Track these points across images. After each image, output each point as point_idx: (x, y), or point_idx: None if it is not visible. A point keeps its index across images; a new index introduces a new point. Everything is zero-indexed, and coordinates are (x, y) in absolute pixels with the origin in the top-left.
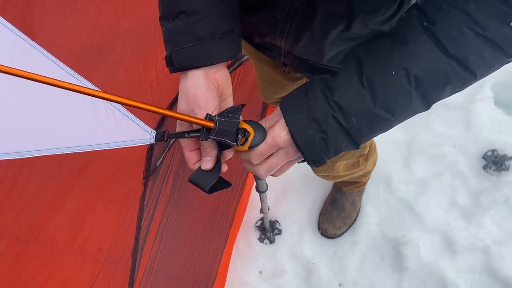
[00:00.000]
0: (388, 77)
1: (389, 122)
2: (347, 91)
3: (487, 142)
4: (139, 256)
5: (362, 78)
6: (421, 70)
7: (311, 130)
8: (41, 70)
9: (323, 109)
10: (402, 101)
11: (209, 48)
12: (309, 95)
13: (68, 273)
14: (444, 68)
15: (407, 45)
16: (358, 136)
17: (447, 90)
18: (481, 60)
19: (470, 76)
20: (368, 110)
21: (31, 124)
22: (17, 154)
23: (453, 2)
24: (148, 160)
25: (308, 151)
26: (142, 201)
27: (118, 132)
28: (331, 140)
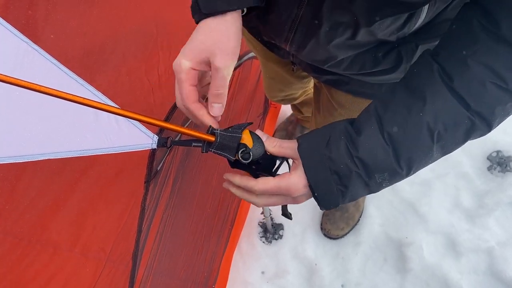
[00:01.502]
0: (410, 134)
1: (404, 176)
2: (372, 148)
3: (492, 143)
4: (139, 258)
5: (384, 135)
6: (443, 127)
7: (330, 183)
8: (43, 74)
9: (346, 164)
10: (423, 156)
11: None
12: (331, 147)
13: (70, 273)
14: (466, 123)
15: (426, 102)
16: (377, 188)
17: (464, 142)
18: (503, 112)
19: (487, 130)
20: (392, 167)
21: (32, 127)
22: (18, 158)
23: (472, 55)
24: (149, 165)
25: (324, 201)
26: (143, 205)
27: (120, 137)
28: (350, 192)
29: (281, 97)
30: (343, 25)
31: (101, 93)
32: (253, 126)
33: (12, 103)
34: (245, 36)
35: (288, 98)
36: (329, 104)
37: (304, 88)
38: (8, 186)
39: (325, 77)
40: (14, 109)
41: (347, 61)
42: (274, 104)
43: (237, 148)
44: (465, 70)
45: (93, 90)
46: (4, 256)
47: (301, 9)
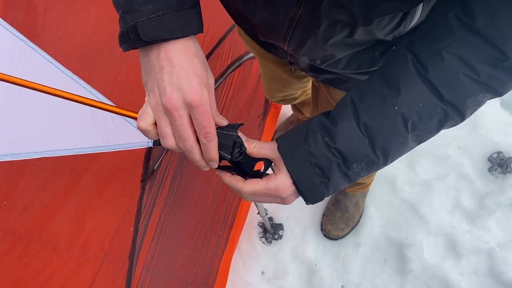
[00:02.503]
0: (385, 124)
1: (382, 165)
2: (348, 138)
3: (493, 144)
4: (136, 256)
5: (360, 126)
6: (417, 117)
7: (313, 176)
8: (40, 72)
9: (326, 156)
10: (399, 145)
11: (181, 18)
12: (309, 141)
13: (69, 272)
14: (440, 113)
15: (400, 93)
16: (355, 177)
17: (438, 131)
18: (475, 102)
19: (460, 118)
20: (368, 156)
21: (29, 126)
22: (15, 156)
23: (447, 46)
24: (145, 163)
25: (310, 195)
26: (140, 204)
27: (116, 135)
28: (332, 183)
29: (281, 97)
30: (341, 23)
31: (97, 91)
32: (254, 126)
33: (9, 101)
34: (242, 37)
35: (288, 98)
36: (328, 103)
37: (304, 88)
38: (7, 184)
39: (323, 76)
40: (12, 107)
41: (345, 60)
42: (274, 104)
43: (233, 146)
44: (439, 62)
45: (89, 88)
46: (3, 255)
47: (300, 8)
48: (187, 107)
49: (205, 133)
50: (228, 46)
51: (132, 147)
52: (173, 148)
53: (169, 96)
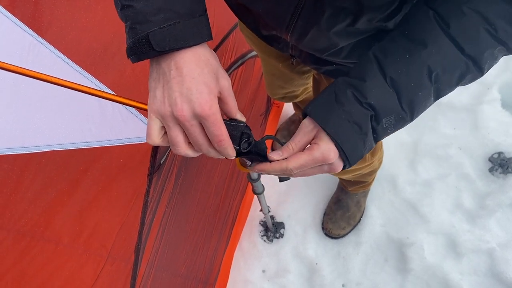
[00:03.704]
0: (412, 77)
1: (409, 119)
2: (378, 93)
3: (494, 144)
4: (141, 251)
5: (387, 80)
6: (441, 69)
7: (353, 135)
8: (49, 67)
9: (361, 111)
10: (423, 98)
11: (192, 26)
12: (341, 100)
13: (72, 268)
14: (461, 66)
15: (427, 46)
16: (382, 134)
17: (458, 86)
18: (492, 56)
19: (480, 73)
20: (397, 110)
21: (38, 119)
22: (24, 149)
23: (467, 2)
24: (153, 157)
25: (353, 155)
26: (146, 198)
27: (124, 129)
28: (368, 140)
29: (282, 94)
30: (345, 11)
31: (105, 86)
32: (256, 124)
33: (17, 95)
34: (243, 32)
35: (289, 95)
36: None
37: (305, 85)
38: (12, 179)
39: (325, 67)
40: (20, 101)
41: (347, 49)
42: (276, 103)
43: (241, 137)
44: (461, 16)
45: (97, 83)
46: (6, 251)
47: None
48: (198, 118)
49: (218, 141)
50: (231, 43)
51: (140, 141)
52: (183, 154)
53: (179, 107)
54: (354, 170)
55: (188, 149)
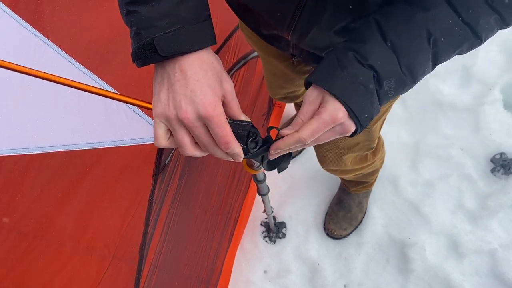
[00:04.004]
0: (411, 39)
1: (409, 83)
2: (378, 55)
3: (496, 145)
4: (145, 252)
5: (387, 43)
6: (440, 33)
7: (361, 95)
8: (55, 68)
9: (364, 72)
10: (422, 62)
11: (197, 31)
12: (344, 63)
13: (75, 269)
14: (459, 32)
15: (429, 10)
16: (384, 99)
17: (455, 53)
18: (487, 25)
19: (477, 41)
20: (397, 72)
21: (43, 120)
22: (29, 150)
23: None
24: (158, 158)
25: (362, 116)
26: (151, 198)
27: (129, 130)
28: (375, 100)
29: (283, 95)
30: (347, 9)
31: (110, 86)
32: (258, 125)
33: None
34: (244, 32)
35: (291, 95)
36: None
37: None
38: (15, 179)
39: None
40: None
41: None
42: (278, 104)
43: (247, 136)
44: None
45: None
46: (10, 251)
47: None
48: (202, 119)
49: (224, 143)
50: (234, 44)
51: (145, 142)
52: (191, 155)
53: (184, 110)
54: (356, 170)
55: (195, 150)
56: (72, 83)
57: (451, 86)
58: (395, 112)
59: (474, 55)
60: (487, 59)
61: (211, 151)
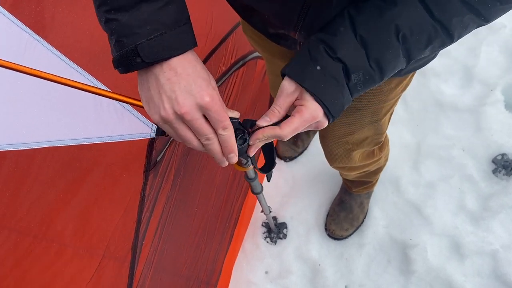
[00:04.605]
0: (380, 35)
1: (378, 78)
2: (347, 49)
3: (497, 145)
4: (138, 250)
5: (357, 37)
6: (409, 30)
7: (331, 88)
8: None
9: (334, 65)
10: (391, 58)
11: (179, 35)
12: (316, 56)
13: (75, 268)
14: (429, 29)
15: (396, 6)
16: (354, 92)
17: (428, 49)
18: (461, 24)
19: (449, 39)
20: (365, 67)
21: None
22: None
23: None
24: (148, 154)
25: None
26: (143, 195)
27: (119, 126)
28: (346, 93)
29: None
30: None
31: (103, 84)
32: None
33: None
34: (247, 34)
35: None
36: None
37: None
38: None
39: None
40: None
41: None
42: None
43: (236, 134)
44: None
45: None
46: (10, 250)
47: None
48: (201, 110)
49: (222, 126)
50: (231, 45)
51: (135, 137)
52: (197, 148)
53: (181, 104)
54: (362, 167)
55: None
56: (64, 81)
57: (452, 87)
58: (397, 112)
59: (476, 55)
60: (488, 60)
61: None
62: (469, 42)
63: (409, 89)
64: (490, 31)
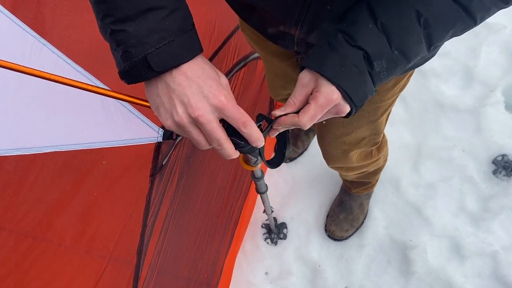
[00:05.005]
0: (401, 20)
1: (403, 64)
2: (367, 36)
3: (497, 146)
4: (143, 254)
5: (377, 24)
6: (431, 13)
7: (352, 75)
8: (51, 68)
9: (354, 52)
10: (413, 42)
11: (186, 41)
12: (334, 45)
13: (75, 270)
14: (451, 12)
15: None
16: (377, 80)
17: (449, 34)
18: (481, 5)
19: (471, 22)
20: (387, 53)
21: (41, 120)
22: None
23: None
24: (155, 158)
25: (355, 96)
26: (148, 199)
27: (126, 130)
28: (368, 82)
29: (285, 95)
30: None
31: (107, 87)
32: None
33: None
34: (246, 33)
35: None
36: None
37: None
38: (16, 181)
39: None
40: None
41: None
42: (279, 105)
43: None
44: None
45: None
46: (10, 251)
47: None
48: (216, 111)
49: (243, 122)
50: (233, 45)
51: (142, 142)
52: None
53: (195, 106)
54: (361, 167)
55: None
56: (70, 82)
57: (452, 87)
58: (397, 113)
59: (476, 56)
60: (489, 60)
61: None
62: (470, 42)
63: (409, 89)
64: (490, 31)
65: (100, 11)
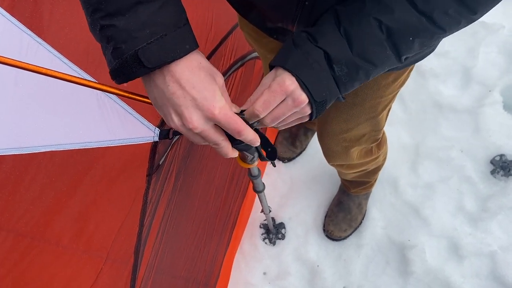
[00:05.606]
0: (362, 27)
1: (368, 71)
2: (329, 39)
3: (496, 146)
4: (141, 254)
5: (340, 29)
6: (392, 22)
7: (313, 70)
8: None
9: (316, 51)
10: (377, 50)
11: (179, 36)
12: (298, 42)
13: (73, 270)
14: (414, 21)
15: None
16: (341, 85)
17: (416, 43)
18: (447, 16)
19: (438, 30)
20: (348, 57)
21: (37, 119)
22: (23, 149)
23: None
24: (151, 158)
25: (314, 89)
26: (145, 199)
27: (122, 130)
28: (330, 80)
29: None
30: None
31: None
32: None
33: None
34: (244, 30)
35: None
36: None
37: None
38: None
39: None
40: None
41: None
42: None
43: None
44: None
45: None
46: (8, 252)
47: None
48: (210, 122)
49: (238, 132)
50: (231, 45)
51: (138, 141)
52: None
53: (189, 120)
54: (361, 165)
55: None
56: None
57: (451, 88)
58: (395, 113)
59: (474, 56)
60: (487, 61)
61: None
62: (468, 43)
63: (408, 90)
64: (489, 31)
65: (89, 6)
